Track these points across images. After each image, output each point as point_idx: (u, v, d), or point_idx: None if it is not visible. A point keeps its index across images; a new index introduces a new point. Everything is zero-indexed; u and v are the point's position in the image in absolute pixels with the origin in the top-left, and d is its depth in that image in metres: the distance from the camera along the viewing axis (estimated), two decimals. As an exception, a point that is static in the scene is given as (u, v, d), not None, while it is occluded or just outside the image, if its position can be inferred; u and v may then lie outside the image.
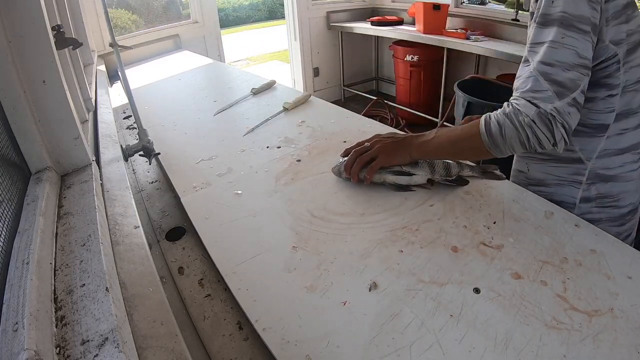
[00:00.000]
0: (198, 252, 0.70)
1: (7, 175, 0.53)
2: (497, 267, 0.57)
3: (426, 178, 0.77)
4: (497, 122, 0.64)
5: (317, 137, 1.05)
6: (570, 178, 0.75)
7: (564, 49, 0.59)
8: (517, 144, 0.63)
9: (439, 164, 0.78)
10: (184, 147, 1.05)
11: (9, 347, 0.32)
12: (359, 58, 4.03)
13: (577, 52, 0.59)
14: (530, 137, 0.61)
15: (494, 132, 0.64)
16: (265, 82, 1.52)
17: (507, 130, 0.63)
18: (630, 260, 0.57)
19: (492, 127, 0.64)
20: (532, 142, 0.62)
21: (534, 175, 0.81)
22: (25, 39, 0.58)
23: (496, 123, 0.64)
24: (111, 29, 0.98)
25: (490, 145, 0.65)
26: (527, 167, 0.82)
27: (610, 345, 0.45)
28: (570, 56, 0.59)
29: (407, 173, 0.77)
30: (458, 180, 0.78)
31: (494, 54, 2.46)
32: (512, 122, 0.62)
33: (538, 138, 0.61)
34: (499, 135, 0.64)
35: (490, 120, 0.65)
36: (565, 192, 0.76)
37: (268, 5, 12.13)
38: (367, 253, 0.62)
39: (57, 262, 0.47)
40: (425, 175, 0.77)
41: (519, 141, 0.63)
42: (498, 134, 0.64)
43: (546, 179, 0.78)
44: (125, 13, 2.83)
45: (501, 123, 0.63)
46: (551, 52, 0.60)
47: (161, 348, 0.40)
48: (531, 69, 0.62)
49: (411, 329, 0.48)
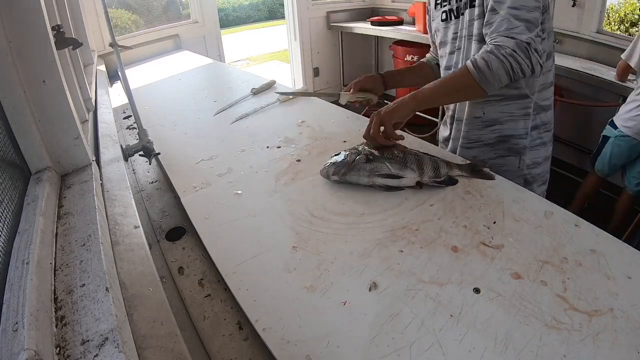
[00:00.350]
0: (198, 252, 0.70)
1: (7, 175, 0.53)
2: (497, 267, 0.57)
3: (415, 181, 0.76)
4: (482, 59, 0.75)
5: (317, 137, 1.05)
6: (520, 112, 0.90)
7: None
8: (503, 73, 0.74)
9: (428, 165, 0.77)
10: (184, 147, 1.05)
11: (9, 347, 0.32)
12: (359, 58, 4.03)
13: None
14: (513, 64, 0.73)
15: (482, 67, 0.74)
16: (265, 82, 1.52)
17: (493, 63, 0.73)
18: (630, 260, 0.57)
19: (479, 63, 0.75)
20: (515, 69, 0.73)
21: (490, 117, 0.93)
22: (25, 39, 0.58)
23: (482, 60, 0.75)
24: (111, 29, 0.98)
25: (480, 79, 0.75)
26: (483, 111, 0.94)
27: (610, 345, 0.45)
28: (531, 1, 0.74)
29: (396, 176, 0.76)
30: (447, 180, 0.78)
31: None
32: (496, 55, 0.73)
33: (520, 64, 0.73)
34: (486, 69, 0.74)
35: (475, 59, 0.76)
36: (517, 126, 0.91)
37: (268, 5, 12.13)
38: (367, 253, 0.62)
39: (57, 262, 0.47)
40: (414, 178, 0.76)
41: (504, 71, 0.74)
42: (486, 67, 0.74)
43: (500, 117, 0.92)
44: (125, 13, 2.83)
45: (486, 59, 0.74)
46: None
47: (161, 348, 0.40)
48: (502, 13, 0.75)
49: (411, 329, 0.48)
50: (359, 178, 0.77)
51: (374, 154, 0.79)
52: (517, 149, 0.93)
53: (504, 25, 0.74)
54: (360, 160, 0.78)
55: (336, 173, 0.78)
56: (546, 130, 0.93)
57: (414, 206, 0.73)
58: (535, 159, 0.94)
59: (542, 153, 0.94)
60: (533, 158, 0.93)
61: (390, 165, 0.77)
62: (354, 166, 0.78)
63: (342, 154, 0.81)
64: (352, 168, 0.77)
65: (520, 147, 0.92)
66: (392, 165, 0.77)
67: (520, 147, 0.92)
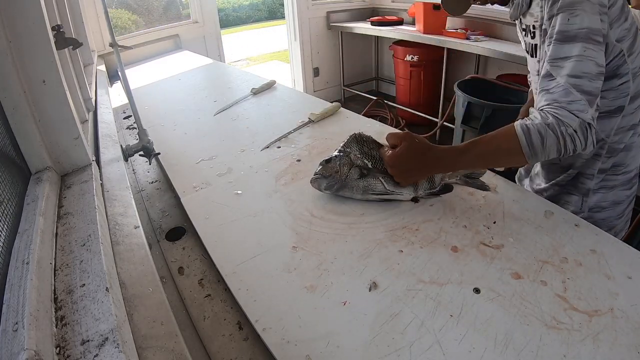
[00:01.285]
0: (198, 252, 0.70)
1: (7, 175, 0.53)
2: (497, 267, 0.57)
3: (410, 197, 0.74)
4: (538, 132, 0.64)
5: (317, 137, 1.05)
6: (595, 153, 0.81)
7: (588, 61, 0.64)
8: (554, 151, 0.65)
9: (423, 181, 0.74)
10: (184, 147, 1.05)
11: (9, 347, 0.32)
12: (359, 58, 4.02)
13: (597, 63, 0.65)
14: (568, 145, 0.64)
15: (535, 143, 0.65)
16: (265, 82, 1.52)
17: (549, 140, 0.64)
18: (630, 260, 0.57)
19: (533, 138, 0.65)
20: (569, 149, 0.64)
21: (566, 162, 0.86)
22: (25, 39, 0.58)
23: (537, 134, 0.64)
24: (111, 29, 0.98)
25: (529, 155, 0.66)
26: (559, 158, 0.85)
27: (610, 345, 0.45)
28: (593, 67, 0.64)
29: (391, 192, 0.73)
30: (443, 189, 0.76)
31: (494, 54, 2.46)
32: (554, 132, 0.64)
33: (575, 146, 0.64)
34: (539, 146, 0.65)
35: (529, 130, 0.65)
36: (587, 165, 0.83)
37: (268, 5, 12.13)
38: (367, 253, 0.62)
39: (57, 262, 0.46)
40: (410, 194, 0.74)
41: (556, 149, 0.65)
42: (539, 144, 0.65)
43: (576, 162, 0.85)
44: (125, 13, 2.83)
45: (543, 134, 0.64)
46: (578, 65, 0.64)
47: (161, 348, 0.40)
48: (562, 82, 0.65)
49: (411, 329, 0.48)
50: (353, 194, 0.74)
51: (368, 166, 0.75)
52: (582, 188, 0.85)
53: (564, 96, 0.65)
54: (353, 176, 0.74)
55: (328, 188, 0.74)
56: (620, 173, 0.83)
57: (414, 206, 0.73)
58: (599, 202, 0.85)
59: (609, 197, 0.84)
60: (597, 201, 0.85)
61: (384, 182, 0.73)
62: (346, 183, 0.74)
63: (333, 162, 0.75)
64: (344, 185, 0.74)
65: (585, 187, 0.84)
66: (386, 182, 0.73)
67: (585, 187, 0.84)
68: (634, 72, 0.73)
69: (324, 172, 0.75)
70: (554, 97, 0.66)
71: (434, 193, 0.75)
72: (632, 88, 0.74)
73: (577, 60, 0.65)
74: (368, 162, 0.75)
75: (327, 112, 1.18)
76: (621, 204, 0.85)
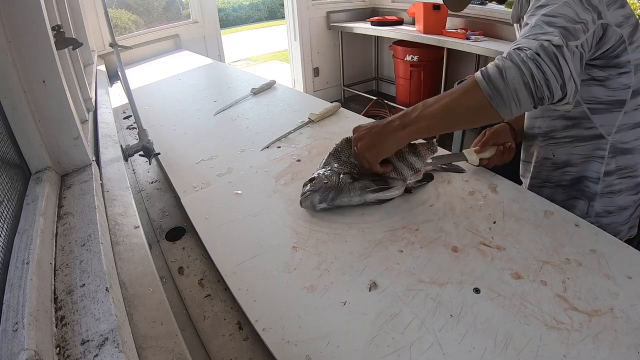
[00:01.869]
0: (198, 252, 0.70)
1: (7, 175, 0.53)
2: (497, 267, 0.57)
3: (403, 188, 0.74)
4: (495, 66, 0.57)
5: (317, 137, 1.05)
6: (593, 154, 0.78)
7: (567, 7, 0.60)
8: (520, 85, 0.55)
9: (404, 168, 0.74)
10: (184, 147, 1.05)
11: (9, 347, 0.32)
12: (359, 58, 4.02)
13: (577, 14, 0.60)
14: (535, 73, 0.54)
15: (493, 76, 0.56)
16: (265, 82, 1.52)
17: (508, 71, 0.55)
18: (630, 260, 0.57)
19: (489, 72, 0.57)
20: (537, 79, 0.54)
21: (560, 159, 0.83)
22: (25, 39, 0.58)
23: (494, 67, 0.57)
24: (111, 29, 0.98)
25: (491, 94, 0.56)
26: (553, 153, 0.84)
27: (610, 345, 0.45)
28: (572, 13, 0.59)
29: (386, 187, 0.72)
30: (427, 177, 0.78)
31: (494, 54, 2.46)
32: (512, 60, 0.55)
33: (544, 73, 0.54)
34: (499, 79, 0.55)
35: (486, 67, 0.58)
36: (590, 168, 0.80)
37: (268, 5, 12.13)
38: (367, 253, 0.62)
39: (57, 262, 0.46)
40: (402, 186, 0.73)
41: (522, 81, 0.55)
42: (498, 76, 0.56)
43: (571, 159, 0.81)
44: (125, 13, 2.83)
45: (500, 65, 0.56)
46: (555, 7, 0.60)
47: (161, 348, 0.40)
48: (534, 22, 0.59)
49: (411, 329, 0.48)
50: (351, 199, 0.71)
51: (354, 170, 0.75)
52: (588, 193, 0.81)
53: (530, 31, 0.58)
54: (346, 180, 0.72)
55: (323, 200, 0.70)
56: (626, 177, 0.79)
57: (414, 206, 0.73)
58: (606, 207, 0.81)
59: (616, 202, 0.80)
60: (604, 206, 0.81)
61: (375, 182, 0.72)
62: (342, 188, 0.71)
63: (319, 178, 0.73)
64: (340, 191, 0.71)
65: (591, 191, 0.81)
66: (376, 182, 0.72)
67: (591, 191, 0.81)
68: (635, 64, 0.69)
69: (313, 187, 0.71)
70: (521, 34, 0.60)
71: (421, 182, 0.77)
72: (634, 82, 0.70)
73: (554, 3, 0.59)
74: (352, 168, 0.75)
75: (327, 112, 1.18)
76: (627, 209, 0.82)
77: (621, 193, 0.80)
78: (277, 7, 11.66)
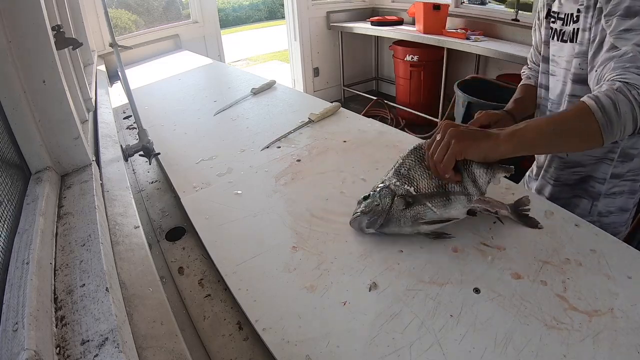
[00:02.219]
0: (198, 252, 0.70)
1: (7, 176, 0.53)
2: (497, 267, 0.57)
3: (464, 213, 0.64)
4: (608, 97, 0.58)
5: (317, 137, 1.05)
6: (605, 156, 0.80)
7: None
8: (629, 120, 0.58)
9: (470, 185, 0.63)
10: (184, 147, 1.05)
11: (9, 347, 0.32)
12: (359, 58, 4.03)
13: None
14: None
15: (608, 108, 0.58)
16: (265, 82, 1.52)
17: (621, 105, 0.57)
18: (630, 260, 0.57)
19: (604, 103, 0.58)
20: None
21: (572, 159, 0.84)
22: (25, 39, 0.58)
23: (607, 99, 0.58)
24: (111, 29, 0.98)
25: (604, 124, 0.58)
26: (567, 153, 0.85)
27: (610, 345, 0.45)
28: None
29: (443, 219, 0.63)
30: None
31: (494, 54, 2.46)
32: (625, 96, 0.57)
33: None
34: (613, 111, 0.58)
35: (599, 97, 0.59)
36: (598, 169, 0.81)
37: (268, 5, 12.13)
38: (367, 253, 0.62)
39: (57, 262, 0.47)
40: (464, 210, 0.64)
41: (632, 117, 0.58)
42: (612, 109, 0.57)
43: (583, 160, 0.83)
44: (125, 13, 2.83)
45: (613, 98, 0.58)
46: None
47: (161, 348, 0.40)
48: (629, 50, 0.61)
49: (411, 329, 0.48)
50: (401, 228, 0.64)
51: (411, 193, 0.64)
52: (592, 192, 0.83)
53: (631, 62, 0.60)
54: (399, 206, 0.64)
55: (371, 225, 0.64)
56: (629, 179, 0.81)
57: (414, 206, 0.73)
58: (608, 207, 0.84)
59: (617, 202, 0.83)
60: (606, 206, 0.83)
61: (433, 207, 0.63)
62: (392, 215, 0.63)
63: (372, 197, 0.66)
64: (390, 219, 0.63)
65: (595, 191, 0.82)
66: (434, 205, 0.63)
67: (595, 191, 0.82)
68: None
69: (363, 209, 0.65)
70: (620, 64, 0.61)
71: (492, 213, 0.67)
72: None
73: None
74: (410, 187, 0.65)
75: (327, 112, 1.18)
76: (627, 211, 0.84)
77: (622, 195, 0.82)
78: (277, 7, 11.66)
